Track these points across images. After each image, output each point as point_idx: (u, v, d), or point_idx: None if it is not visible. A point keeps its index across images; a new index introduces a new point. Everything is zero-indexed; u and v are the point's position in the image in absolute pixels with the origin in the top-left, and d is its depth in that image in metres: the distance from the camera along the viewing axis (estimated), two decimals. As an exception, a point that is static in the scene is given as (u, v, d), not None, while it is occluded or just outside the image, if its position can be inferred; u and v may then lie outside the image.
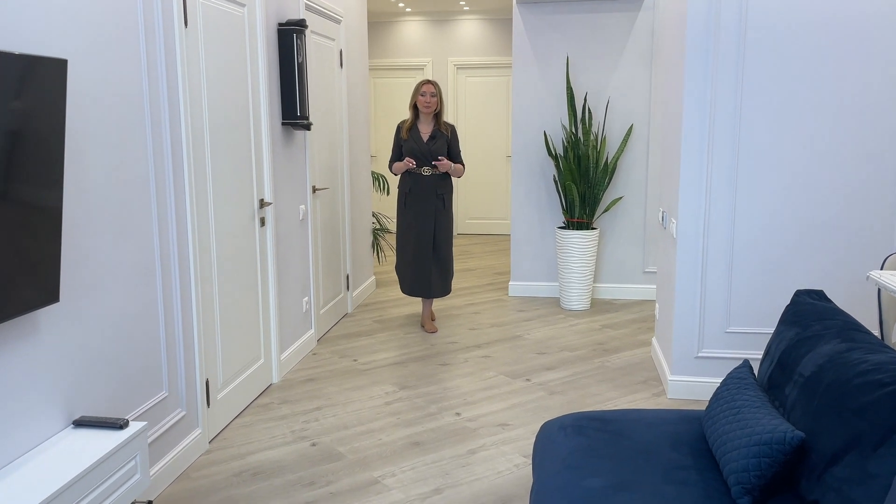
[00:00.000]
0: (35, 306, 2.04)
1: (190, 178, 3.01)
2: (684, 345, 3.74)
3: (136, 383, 2.70)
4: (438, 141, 4.68)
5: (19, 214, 1.94)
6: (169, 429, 2.92)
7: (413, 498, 2.81)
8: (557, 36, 5.61)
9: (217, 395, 3.35)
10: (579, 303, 5.53)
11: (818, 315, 2.32)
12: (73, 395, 2.34)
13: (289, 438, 3.34)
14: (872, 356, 1.94)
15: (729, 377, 2.37)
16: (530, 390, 3.91)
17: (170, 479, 2.92)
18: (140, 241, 2.69)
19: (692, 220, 3.63)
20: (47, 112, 2.00)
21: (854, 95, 3.44)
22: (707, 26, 3.47)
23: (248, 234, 3.67)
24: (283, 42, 4.01)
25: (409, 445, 3.26)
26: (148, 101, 2.71)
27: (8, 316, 1.94)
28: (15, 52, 1.87)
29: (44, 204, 2.03)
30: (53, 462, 2.10)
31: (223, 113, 3.37)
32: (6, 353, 2.05)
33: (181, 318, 2.98)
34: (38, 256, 2.04)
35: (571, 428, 2.48)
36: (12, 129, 1.88)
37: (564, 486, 2.09)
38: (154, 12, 2.75)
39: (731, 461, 2.01)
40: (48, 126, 2.01)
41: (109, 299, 2.52)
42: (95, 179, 2.42)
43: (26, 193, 1.96)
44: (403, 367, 4.28)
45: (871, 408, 1.77)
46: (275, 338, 3.99)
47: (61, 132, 2.07)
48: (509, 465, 3.07)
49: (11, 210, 1.91)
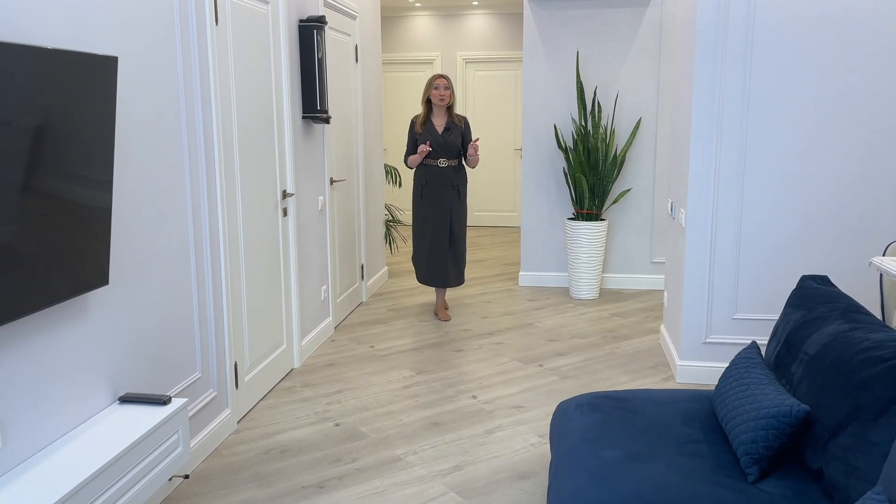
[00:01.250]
0: (88, 288, 2.18)
1: (220, 170, 3.14)
2: (693, 331, 3.87)
3: (172, 364, 2.84)
4: (453, 133, 4.81)
5: (74, 209, 2.08)
6: (202, 409, 3.06)
7: (435, 474, 2.95)
8: (567, 31, 5.73)
9: (244, 377, 3.50)
10: (589, 292, 5.66)
11: (823, 298, 2.45)
12: (118, 373, 2.49)
13: (313, 419, 3.48)
14: (874, 335, 2.06)
15: (738, 357, 2.50)
16: (543, 375, 4.05)
17: (203, 456, 3.06)
18: (176, 230, 2.83)
19: (700, 210, 3.76)
20: (99, 110, 2.13)
21: (858, 89, 3.55)
22: (716, 22, 3.58)
23: (271, 224, 3.81)
24: (304, 38, 4.13)
25: (428, 426, 3.40)
26: (183, 95, 2.85)
27: (66, 296, 2.08)
28: (71, 50, 2.00)
29: (96, 202, 2.17)
30: (104, 435, 2.24)
31: (249, 107, 3.50)
32: (60, 333, 2.19)
33: (212, 303, 3.12)
34: (91, 243, 2.17)
35: (587, 406, 2.62)
36: (68, 128, 2.01)
37: (583, 457, 2.23)
38: (189, 11, 2.88)
39: (740, 434, 2.14)
40: (100, 124, 2.14)
41: (150, 284, 2.66)
42: (137, 169, 2.55)
43: (79, 187, 2.10)
44: (419, 353, 4.42)
45: (872, 381, 1.90)
46: (296, 324, 4.13)
47: (111, 130, 2.20)
48: (525, 444, 3.21)
49: (66, 204, 2.04)
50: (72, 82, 2.00)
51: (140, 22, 2.55)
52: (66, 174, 2.02)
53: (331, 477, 2.92)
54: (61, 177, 2.00)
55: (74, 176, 2.06)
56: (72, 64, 2.00)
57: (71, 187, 2.05)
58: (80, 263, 2.13)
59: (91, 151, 2.12)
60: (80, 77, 2.03)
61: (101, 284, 2.25)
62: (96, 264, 2.21)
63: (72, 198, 2.06)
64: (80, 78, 2.03)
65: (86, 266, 2.16)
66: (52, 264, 2.02)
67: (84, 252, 2.15)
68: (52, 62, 1.92)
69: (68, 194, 2.05)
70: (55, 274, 2.03)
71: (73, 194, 2.06)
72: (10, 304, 1.86)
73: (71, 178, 2.05)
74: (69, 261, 2.08)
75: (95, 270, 2.21)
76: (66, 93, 1.99)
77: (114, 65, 2.17)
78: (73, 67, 2.00)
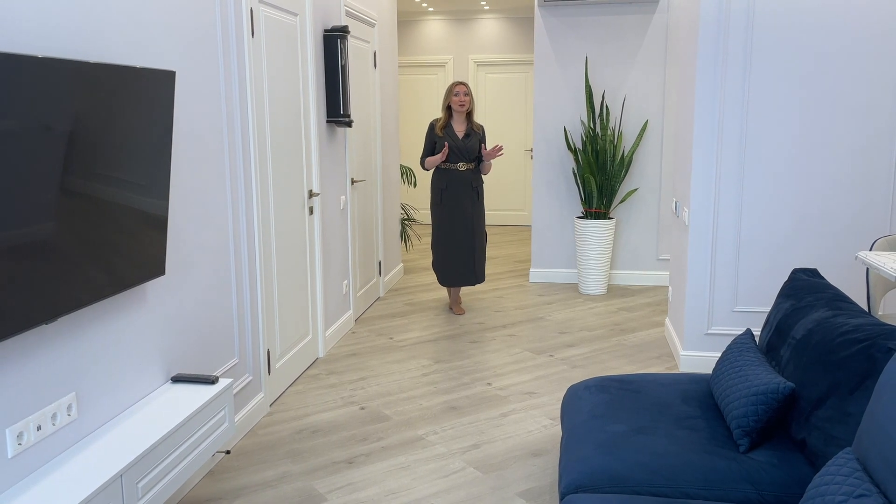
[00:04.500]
0: (150, 277, 2.44)
1: (256, 172, 3.40)
2: (695, 323, 4.10)
3: (214, 349, 3.10)
4: (472, 138, 5.05)
5: (137, 214, 2.34)
6: (239, 392, 3.32)
7: (454, 451, 3.20)
8: (577, 37, 5.97)
9: (276, 364, 3.76)
10: (597, 288, 5.90)
11: (811, 289, 2.68)
12: (170, 355, 2.75)
13: (339, 403, 3.74)
14: (853, 320, 2.30)
15: (733, 342, 2.74)
16: (554, 364, 4.29)
17: (240, 435, 3.32)
18: (219, 226, 3.09)
19: (703, 209, 4.00)
20: (159, 122, 2.39)
21: (849, 95, 3.78)
22: (717, 30, 3.82)
23: (299, 221, 4.07)
24: (328, 46, 4.39)
25: (447, 409, 3.65)
26: (224, 103, 3.11)
27: (132, 284, 2.34)
28: (134, 66, 2.26)
29: (155, 210, 2.43)
30: (160, 410, 2.50)
31: (280, 112, 3.76)
32: (123, 318, 2.46)
33: (248, 294, 3.38)
34: (152, 239, 2.43)
35: (595, 387, 2.86)
36: (131, 140, 2.27)
37: (592, 430, 2.47)
38: (229, 25, 3.14)
39: (733, 409, 2.38)
40: (159, 135, 2.40)
41: (197, 275, 2.92)
42: (187, 172, 2.81)
43: (142, 196, 2.36)
44: (436, 344, 4.67)
45: (849, 360, 2.14)
46: (321, 316, 4.39)
47: (169, 140, 2.46)
48: (538, 426, 3.45)
49: (131, 210, 2.31)
50: (135, 96, 2.26)
51: (191, 37, 2.81)
52: (133, 184, 2.28)
53: (359, 454, 3.18)
54: (129, 187, 2.26)
55: (139, 186, 2.32)
56: (136, 79, 2.25)
57: (137, 196, 2.31)
58: (143, 256, 2.39)
59: (152, 162, 2.38)
60: (142, 91, 2.29)
61: (159, 275, 2.51)
62: (155, 256, 2.47)
63: (138, 206, 2.32)
64: (142, 92, 2.29)
65: (147, 258, 2.42)
66: (124, 257, 2.28)
67: (147, 246, 2.41)
68: (118, 78, 2.17)
69: (134, 203, 2.31)
70: (125, 265, 2.29)
71: (138, 203, 2.32)
72: (94, 288, 2.12)
73: (136, 188, 2.30)
74: (135, 253, 2.34)
75: (155, 262, 2.47)
76: (130, 106, 2.24)
77: (172, 79, 2.43)
78: (136, 82, 2.26)
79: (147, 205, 2.39)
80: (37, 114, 1.83)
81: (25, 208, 1.83)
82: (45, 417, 2.10)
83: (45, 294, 1.94)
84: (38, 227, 1.89)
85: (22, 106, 1.78)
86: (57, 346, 2.14)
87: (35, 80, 1.82)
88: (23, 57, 1.78)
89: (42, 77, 1.85)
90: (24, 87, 1.78)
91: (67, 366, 2.19)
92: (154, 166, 2.40)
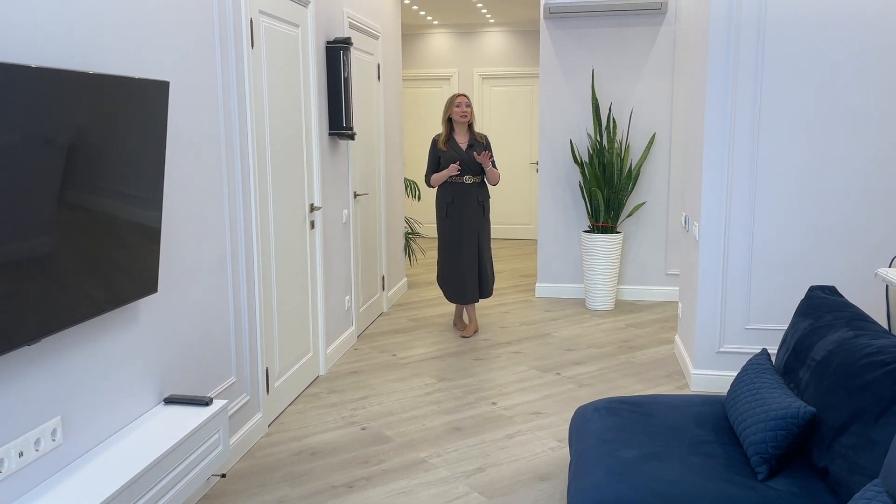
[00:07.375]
0: (142, 294, 2.35)
1: (255, 185, 3.32)
2: (706, 340, 3.99)
3: (210, 368, 3.00)
4: (477, 149, 4.96)
5: (129, 225, 2.25)
6: (236, 412, 3.22)
7: (458, 475, 3.09)
8: (583, 49, 5.89)
9: (275, 382, 3.65)
10: (604, 303, 5.79)
11: (830, 307, 2.57)
12: (163, 375, 2.65)
13: (340, 423, 3.63)
14: (876, 341, 2.19)
15: (749, 363, 2.63)
16: (560, 383, 4.18)
17: (237, 457, 3.22)
18: (215, 242, 3.00)
19: (713, 223, 3.89)
20: (151, 132, 2.31)
21: (864, 107, 3.68)
22: (727, 40, 3.73)
23: (300, 236, 3.98)
24: (331, 58, 4.32)
25: (450, 430, 3.54)
26: (223, 115, 3.02)
27: (123, 302, 2.24)
28: (129, 76, 2.18)
29: (148, 221, 2.34)
30: (151, 433, 2.40)
31: (280, 124, 3.68)
32: (113, 337, 2.36)
33: (246, 311, 3.29)
34: (143, 254, 2.34)
35: (605, 409, 2.75)
36: (124, 150, 2.19)
37: (601, 456, 2.36)
38: (228, 36, 3.06)
39: (751, 434, 2.27)
40: (152, 145, 2.32)
41: (193, 293, 2.83)
42: (182, 185, 2.73)
43: (135, 207, 2.27)
44: (440, 362, 4.56)
45: (874, 384, 2.03)
46: (322, 332, 4.29)
47: (162, 151, 2.37)
48: (545, 448, 3.34)
49: (122, 222, 2.22)
50: (128, 106, 2.18)
51: (187, 47, 2.74)
52: (123, 194, 2.20)
53: (359, 477, 3.07)
54: (119, 197, 2.18)
55: (130, 196, 2.23)
56: (129, 89, 2.17)
57: (128, 207, 2.22)
58: (135, 272, 2.30)
59: (144, 172, 2.29)
60: (135, 101, 2.21)
61: (151, 292, 2.41)
62: (148, 273, 2.38)
63: (128, 217, 2.23)
64: (134, 102, 2.21)
65: (140, 274, 2.33)
66: (113, 273, 2.19)
67: (138, 261, 2.32)
68: (111, 88, 2.09)
69: (125, 214, 2.22)
70: (117, 281, 2.20)
71: (129, 213, 2.24)
72: (83, 306, 2.03)
73: (127, 198, 2.22)
74: (127, 270, 2.25)
75: (147, 278, 2.38)
76: (123, 116, 2.16)
77: (165, 89, 2.35)
78: (130, 93, 2.17)
79: (139, 216, 2.30)
80: (28, 122, 1.75)
81: (7, 221, 1.74)
82: (27, 443, 2.00)
83: (26, 314, 1.84)
84: (20, 242, 1.80)
85: (13, 114, 1.71)
86: (41, 368, 2.04)
87: (28, 90, 1.75)
88: (16, 66, 1.71)
89: (35, 86, 1.78)
90: (16, 95, 1.71)
91: (52, 388, 2.09)
92: (147, 177, 2.31)
